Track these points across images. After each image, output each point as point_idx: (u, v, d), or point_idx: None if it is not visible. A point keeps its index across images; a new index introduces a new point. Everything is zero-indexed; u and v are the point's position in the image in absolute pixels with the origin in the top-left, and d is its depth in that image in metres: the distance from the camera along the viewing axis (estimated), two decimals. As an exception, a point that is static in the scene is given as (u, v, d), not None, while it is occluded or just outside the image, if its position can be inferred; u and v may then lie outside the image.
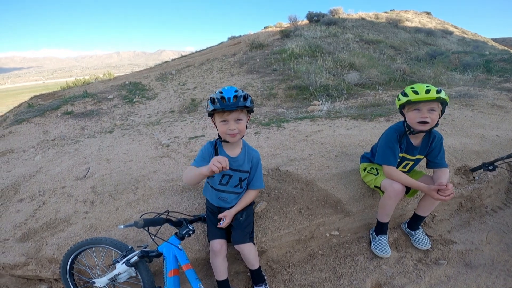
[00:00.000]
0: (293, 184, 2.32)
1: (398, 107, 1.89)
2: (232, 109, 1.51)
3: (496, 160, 2.39)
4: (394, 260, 2.03)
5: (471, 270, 1.91)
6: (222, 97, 1.52)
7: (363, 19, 16.21)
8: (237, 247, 1.73)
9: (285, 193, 2.23)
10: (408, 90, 1.78)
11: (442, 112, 1.80)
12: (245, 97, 1.56)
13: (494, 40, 23.49)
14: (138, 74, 10.08)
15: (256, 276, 1.79)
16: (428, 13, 22.84)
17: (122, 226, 1.48)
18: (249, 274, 1.89)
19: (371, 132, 3.20)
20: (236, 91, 1.55)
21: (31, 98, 7.75)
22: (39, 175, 2.81)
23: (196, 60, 10.66)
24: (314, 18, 15.14)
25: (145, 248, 1.60)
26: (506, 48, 19.64)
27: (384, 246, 2.05)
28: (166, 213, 1.59)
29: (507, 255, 2.02)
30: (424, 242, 2.11)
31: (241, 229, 1.75)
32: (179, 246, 1.59)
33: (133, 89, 7.51)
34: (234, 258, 1.93)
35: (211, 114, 1.61)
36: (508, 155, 2.34)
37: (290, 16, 14.54)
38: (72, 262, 1.73)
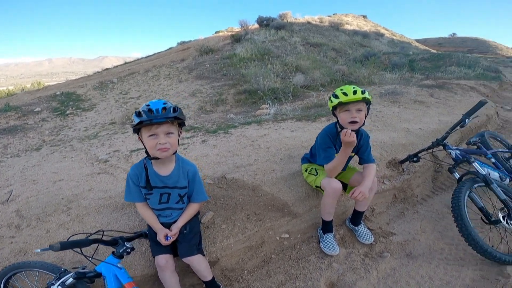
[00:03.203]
0: (239, 191, 2.30)
1: (330, 109, 1.99)
2: (161, 121, 1.42)
3: (420, 152, 2.67)
4: (343, 257, 2.10)
5: (413, 260, 2.03)
6: (150, 109, 1.42)
7: (309, 23, 17.10)
8: (186, 260, 1.69)
9: (232, 201, 2.21)
10: (338, 92, 1.87)
11: (367, 111, 1.94)
12: (175, 109, 1.48)
13: (417, 40, 26.83)
14: (73, 83, 9.13)
15: (211, 287, 1.76)
16: (364, 17, 25.11)
17: (39, 250, 1.41)
18: (204, 286, 1.82)
19: (313, 133, 3.32)
20: (164, 103, 1.46)
21: None
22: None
23: (142, 66, 10.08)
24: (264, 22, 15.50)
25: (83, 269, 1.54)
26: (427, 48, 22.59)
27: (332, 244, 2.13)
28: (101, 233, 1.51)
29: (442, 242, 2.17)
30: (367, 236, 2.23)
31: (187, 242, 1.71)
32: (119, 265, 1.53)
33: (66, 100, 6.77)
34: (187, 271, 1.85)
35: (137, 130, 1.49)
36: (429, 146, 2.61)
37: (241, 21, 14.69)
38: (5, 287, 1.65)
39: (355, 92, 1.80)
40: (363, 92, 1.82)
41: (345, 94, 1.82)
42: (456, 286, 1.79)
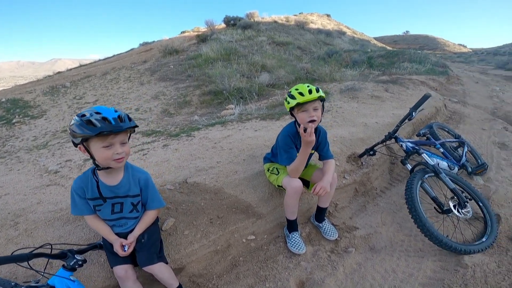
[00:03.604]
0: (201, 195, 2.24)
1: (288, 109, 1.98)
2: (118, 131, 1.35)
3: (375, 145, 2.77)
4: (310, 255, 2.10)
5: (376, 254, 2.06)
6: (104, 118, 1.33)
7: (275, 22, 17.29)
8: (146, 269, 1.64)
9: (194, 206, 2.14)
10: (294, 92, 1.86)
11: (323, 108, 1.98)
12: (129, 117, 1.44)
13: (376, 38, 28.48)
14: (20, 89, 8.31)
15: None
16: (328, 16, 25.99)
17: None
18: None
19: (277, 131, 3.30)
20: (116, 111, 1.39)
21: None
22: None
23: (99, 69, 9.48)
24: (231, 22, 15.40)
25: (36, 283, 1.44)
26: (384, 45, 24.05)
27: (298, 243, 2.13)
28: (49, 246, 1.47)
29: (402, 234, 2.21)
30: (332, 232, 2.25)
31: (146, 250, 1.65)
32: (71, 278, 1.48)
33: (12, 107, 6.14)
34: (152, 280, 1.77)
35: (84, 140, 1.36)
36: (382, 139, 2.73)
37: (207, 21, 14.48)
38: None
39: (310, 92, 1.81)
40: (317, 91, 1.84)
41: (301, 94, 1.83)
42: (418, 278, 1.82)
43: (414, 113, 2.53)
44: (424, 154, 2.49)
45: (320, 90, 1.87)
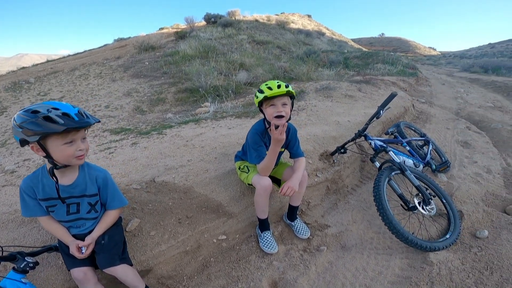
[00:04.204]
0: (169, 194, 2.16)
1: (257, 105, 1.97)
2: (84, 126, 1.32)
3: (346, 143, 2.81)
4: (283, 254, 2.08)
5: (347, 252, 2.07)
6: (65, 114, 1.28)
7: (257, 21, 17.28)
8: (107, 271, 1.57)
9: (161, 206, 2.07)
10: (263, 87, 1.86)
11: (292, 105, 1.98)
12: (88, 113, 1.39)
13: (353, 40, 29.33)
14: (-22, 84, 7.68)
15: None
16: (309, 16, 26.38)
17: None
18: None
19: (250, 129, 3.32)
20: (74, 106, 1.34)
21: None
22: None
23: (67, 65, 8.97)
24: (211, 20, 15.17)
25: None
26: (360, 46, 24.85)
27: (270, 242, 2.11)
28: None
29: (371, 231, 2.23)
30: (304, 231, 2.24)
31: (106, 252, 1.58)
32: (23, 280, 1.43)
33: (-34, 104, 5.64)
34: (117, 282, 1.68)
35: (42, 137, 1.26)
36: (353, 137, 2.78)
37: (187, 17, 14.20)
38: None
39: (279, 86, 1.81)
40: (286, 86, 1.84)
41: (270, 88, 1.82)
42: (387, 276, 1.83)
43: (381, 111, 2.60)
44: (391, 152, 2.57)
45: (289, 86, 1.87)
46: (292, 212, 2.28)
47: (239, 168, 2.24)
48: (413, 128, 3.70)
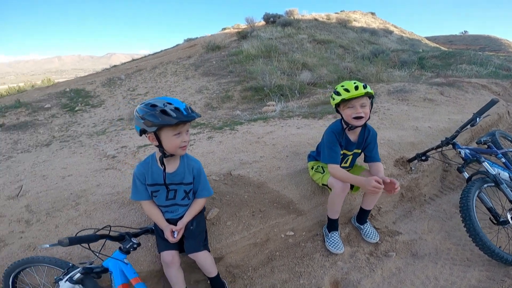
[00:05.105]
0: (245, 187, 2.30)
1: (333, 106, 1.97)
2: (191, 120, 1.46)
3: (428, 150, 2.61)
4: (348, 256, 2.08)
5: (418, 260, 2.00)
6: (176, 108, 1.42)
7: (316, 20, 16.96)
8: (192, 256, 1.69)
9: (237, 198, 2.20)
10: (339, 89, 1.86)
11: (371, 105, 1.92)
12: (191, 109, 1.54)
13: (428, 38, 26.35)
14: (82, 80, 9.26)
15: (215, 283, 1.77)
16: (372, 14, 24.71)
17: (47, 245, 1.44)
18: (209, 282, 1.83)
19: (319, 130, 3.30)
20: (182, 102, 1.50)
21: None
22: (-34, 196, 2.44)
23: (149, 63, 10.16)
24: (270, 19, 15.44)
25: (90, 264, 1.55)
26: (437, 45, 22.15)
27: (337, 242, 2.11)
28: (108, 228, 1.53)
29: (449, 243, 2.14)
30: (373, 235, 2.20)
31: (194, 238, 1.72)
32: (125, 261, 1.55)
33: (75, 97, 6.88)
34: (192, 267, 1.86)
35: (158, 128, 1.44)
36: (438, 145, 2.56)
37: (247, 18, 14.70)
38: (14, 282, 1.69)
39: (356, 88, 1.78)
40: (364, 87, 1.80)
41: (347, 90, 1.81)
42: (461, 287, 1.76)
43: (478, 118, 2.33)
44: (486, 163, 2.29)
45: (367, 86, 1.83)
46: (363, 216, 2.24)
47: (312, 168, 2.27)
48: (510, 139, 3.21)
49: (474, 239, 1.87)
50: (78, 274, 1.48)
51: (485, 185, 2.12)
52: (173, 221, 1.72)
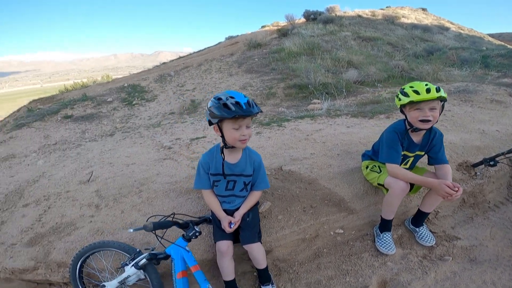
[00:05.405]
0: (296, 183, 2.33)
1: (398, 106, 1.91)
2: (249, 115, 1.50)
3: (497, 155, 2.41)
4: (399, 257, 2.03)
5: (476, 265, 1.91)
6: (237, 102, 1.47)
7: (359, 16, 16.20)
8: (247, 247, 1.73)
9: (289, 193, 2.24)
10: (408, 90, 1.77)
11: (442, 108, 1.82)
12: (255, 103, 1.57)
13: (491, 35, 23.54)
14: (137, 76, 10.06)
15: (263, 275, 1.80)
16: (424, 9, 22.84)
17: (132, 230, 1.47)
18: (255, 273, 1.90)
19: (371, 130, 3.21)
20: (245, 96, 1.55)
21: (30, 102, 7.73)
22: (43, 180, 2.82)
23: (194, 61, 10.65)
24: (311, 17, 15.13)
25: (152, 250, 1.61)
26: (503, 43, 19.68)
27: (389, 243, 2.06)
28: (172, 216, 1.59)
29: None
30: (428, 238, 2.12)
31: (249, 229, 1.76)
32: (187, 248, 1.60)
33: (132, 91, 7.50)
34: (241, 258, 1.94)
35: (220, 121, 1.54)
36: (509, 150, 2.35)
37: (287, 15, 14.55)
38: (81, 266, 1.75)
39: (428, 91, 1.69)
40: (437, 90, 1.70)
41: (416, 92, 1.72)
42: None
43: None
44: None
45: (441, 89, 1.73)
46: (421, 218, 2.15)
47: (367, 167, 2.23)
48: None
49: None
50: (144, 260, 1.53)
51: None
52: (229, 212, 1.76)
